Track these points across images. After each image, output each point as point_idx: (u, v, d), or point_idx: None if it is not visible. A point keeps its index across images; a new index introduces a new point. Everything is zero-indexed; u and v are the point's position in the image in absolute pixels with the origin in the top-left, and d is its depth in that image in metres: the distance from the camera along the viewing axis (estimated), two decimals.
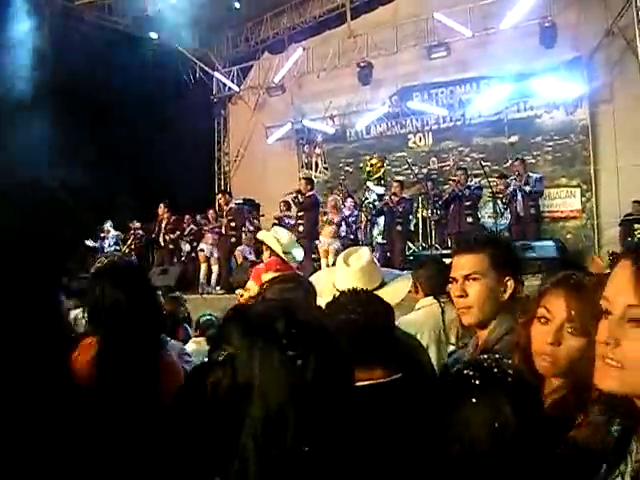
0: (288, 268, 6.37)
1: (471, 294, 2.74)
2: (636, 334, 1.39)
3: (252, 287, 5.71)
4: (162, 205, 17.19)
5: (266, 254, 6.72)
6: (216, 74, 21.70)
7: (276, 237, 6.62)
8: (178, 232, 17.14)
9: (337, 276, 3.61)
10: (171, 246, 17.09)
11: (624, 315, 1.40)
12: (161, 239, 17.23)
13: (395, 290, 3.51)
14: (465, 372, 1.76)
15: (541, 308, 2.15)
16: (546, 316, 2.13)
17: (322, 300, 3.22)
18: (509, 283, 2.71)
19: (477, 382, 1.71)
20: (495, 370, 1.74)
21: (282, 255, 6.50)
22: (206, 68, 21.36)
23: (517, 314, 2.64)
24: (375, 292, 3.17)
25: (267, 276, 5.56)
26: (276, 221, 16.57)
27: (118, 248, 17.78)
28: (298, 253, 6.58)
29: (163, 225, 17.25)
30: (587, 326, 1.89)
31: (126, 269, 3.05)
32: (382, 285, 3.52)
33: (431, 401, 1.89)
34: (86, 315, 2.89)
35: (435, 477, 1.72)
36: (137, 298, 2.87)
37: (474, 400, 1.68)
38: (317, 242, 14.41)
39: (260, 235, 7.26)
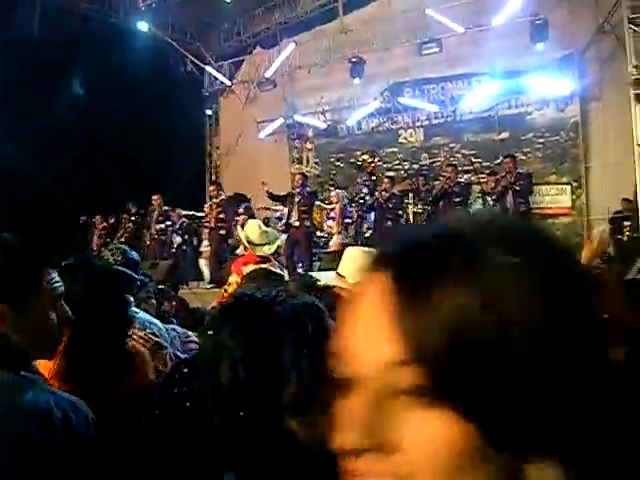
0: (265, 260, 6.43)
1: None
2: (420, 416, 0.68)
3: (234, 280, 5.72)
4: (156, 196, 17.15)
5: (241, 248, 6.86)
6: (207, 68, 21.65)
7: (245, 231, 6.73)
8: (168, 223, 17.10)
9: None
10: (162, 237, 17.04)
11: (388, 383, 0.70)
12: (152, 230, 17.20)
13: None
14: None
15: None
16: None
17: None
18: None
19: None
20: None
21: (250, 248, 6.61)
22: (197, 62, 21.31)
23: None
24: None
25: (248, 268, 5.60)
26: (268, 217, 16.65)
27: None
28: (268, 247, 6.61)
29: (154, 216, 17.22)
30: None
31: (84, 264, 3.02)
32: None
33: None
34: None
35: None
36: (97, 294, 2.84)
37: None
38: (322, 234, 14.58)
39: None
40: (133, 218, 17.92)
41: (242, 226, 7.54)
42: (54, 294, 2.02)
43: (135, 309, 4.05)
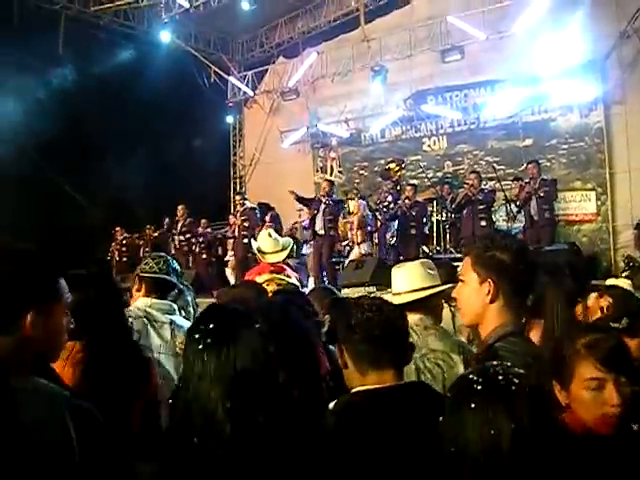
0: (282, 268, 6.48)
1: (460, 296, 2.80)
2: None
3: None
4: (181, 207, 17.28)
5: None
6: (231, 79, 21.80)
7: (257, 241, 6.92)
8: (190, 235, 17.20)
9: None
10: (185, 248, 17.16)
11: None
12: (176, 241, 17.32)
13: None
14: (470, 377, 1.79)
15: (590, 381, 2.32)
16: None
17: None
18: (491, 285, 2.63)
19: (479, 387, 1.74)
20: (500, 377, 1.75)
21: (260, 257, 6.75)
22: (221, 73, 21.45)
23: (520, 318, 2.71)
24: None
25: (262, 278, 5.65)
26: (296, 227, 16.73)
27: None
28: (278, 255, 6.66)
29: (179, 227, 17.35)
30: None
31: (100, 275, 3.08)
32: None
33: (438, 404, 1.91)
34: None
35: (428, 475, 1.74)
36: (112, 304, 2.94)
37: (472, 405, 1.71)
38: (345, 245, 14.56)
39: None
40: (155, 232, 18.08)
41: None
42: (66, 301, 2.07)
43: (179, 317, 4.14)
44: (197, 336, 1.40)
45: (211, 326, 1.40)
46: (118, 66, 17.00)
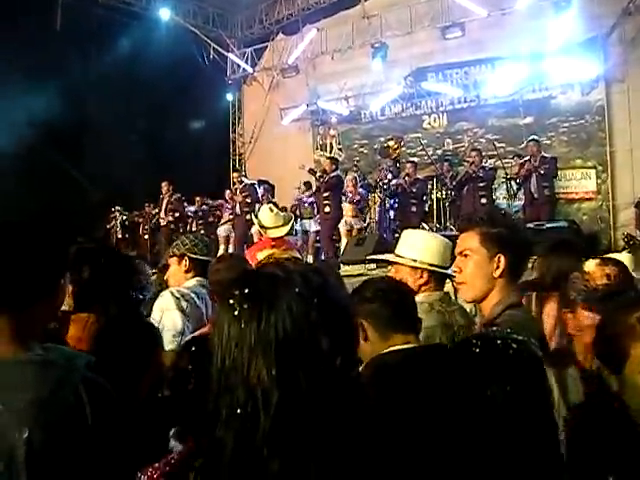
0: (283, 243, 6.47)
1: (464, 270, 2.81)
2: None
3: None
4: (165, 183, 17.16)
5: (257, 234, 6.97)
6: (230, 55, 21.69)
7: (258, 217, 6.84)
8: (178, 214, 17.08)
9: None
10: (172, 226, 17.04)
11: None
12: (162, 220, 17.20)
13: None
14: (471, 340, 1.80)
15: None
16: None
17: None
18: (501, 260, 2.71)
19: (477, 350, 1.74)
20: (498, 342, 1.77)
21: (262, 232, 6.80)
22: (220, 49, 21.34)
23: (523, 291, 2.72)
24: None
25: (263, 254, 5.64)
26: (296, 202, 16.66)
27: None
28: (280, 230, 6.67)
29: (164, 205, 17.23)
30: None
31: (107, 250, 3.13)
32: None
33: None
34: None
35: (428, 432, 1.74)
36: (118, 278, 3.01)
37: (470, 366, 1.71)
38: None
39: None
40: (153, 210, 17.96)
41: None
42: None
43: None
44: (231, 302, 1.36)
45: (246, 291, 1.36)
46: (116, 44, 16.88)
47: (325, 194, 14.36)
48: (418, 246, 3.70)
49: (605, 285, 2.24)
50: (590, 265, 3.47)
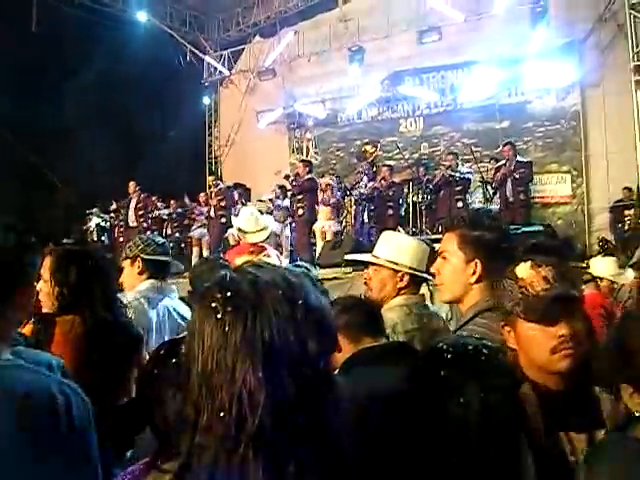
0: (262, 249, 6.40)
1: (441, 272, 2.78)
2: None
3: None
4: (132, 183, 17.04)
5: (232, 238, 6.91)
6: (207, 58, 21.65)
7: (237, 220, 6.78)
8: (144, 211, 16.96)
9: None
10: (144, 225, 16.93)
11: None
12: (130, 220, 17.07)
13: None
14: (441, 345, 1.76)
15: None
16: None
17: None
18: (477, 266, 2.65)
19: (448, 356, 1.71)
20: (469, 347, 1.75)
21: (241, 236, 6.68)
22: (197, 52, 21.30)
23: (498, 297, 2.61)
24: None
25: (241, 259, 5.57)
26: (270, 205, 16.59)
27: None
28: (259, 235, 6.58)
29: (132, 204, 17.11)
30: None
31: (88, 253, 3.13)
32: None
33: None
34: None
35: (398, 438, 1.71)
36: (104, 280, 3.01)
37: (442, 373, 1.68)
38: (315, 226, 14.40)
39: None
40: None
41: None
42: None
43: (177, 300, 4.18)
44: (213, 305, 1.31)
45: (229, 294, 1.31)
46: (93, 45, 16.74)
47: (299, 197, 14.31)
48: (398, 248, 3.61)
49: (544, 290, 2.07)
50: (521, 269, 3.35)
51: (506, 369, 1.76)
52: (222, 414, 1.26)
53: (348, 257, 3.81)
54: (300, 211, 14.23)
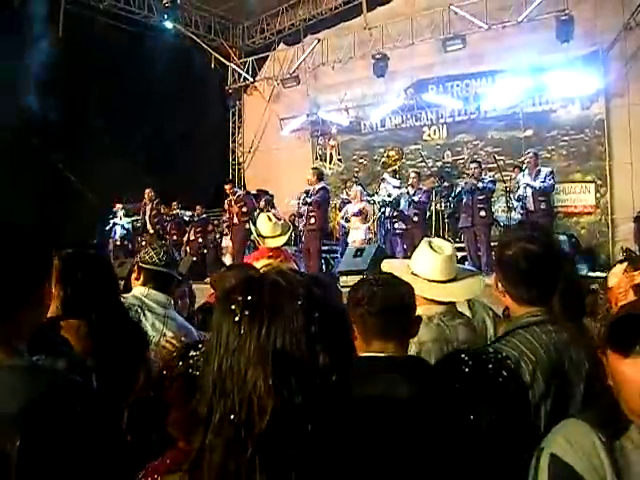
0: (280, 253, 6.44)
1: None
2: None
3: None
4: (148, 190, 17.14)
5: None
6: (231, 65, 21.71)
7: (256, 225, 6.83)
8: (158, 218, 17.08)
9: (419, 261, 3.64)
10: (165, 230, 17.12)
11: None
12: (149, 226, 17.19)
13: (469, 286, 3.61)
14: (462, 355, 1.76)
15: None
16: None
17: None
18: (499, 278, 2.62)
19: (466, 370, 1.70)
20: (490, 366, 1.74)
21: (260, 241, 6.80)
22: (221, 59, 21.36)
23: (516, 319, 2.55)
24: (450, 284, 3.51)
25: (259, 264, 5.60)
26: (295, 212, 16.62)
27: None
28: (278, 239, 6.64)
29: (147, 211, 17.22)
30: None
31: (97, 257, 3.15)
32: (454, 279, 3.58)
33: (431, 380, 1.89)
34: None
35: (409, 446, 1.71)
36: (109, 285, 3.03)
37: (457, 385, 1.68)
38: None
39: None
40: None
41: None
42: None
43: (173, 311, 4.17)
44: (233, 307, 1.33)
45: (249, 298, 1.33)
46: (118, 51, 16.87)
47: (310, 206, 14.24)
48: (431, 270, 3.57)
49: (633, 306, 1.75)
50: (617, 272, 3.15)
51: (521, 395, 1.75)
52: (232, 416, 1.28)
53: (385, 268, 3.72)
54: (312, 220, 14.16)
